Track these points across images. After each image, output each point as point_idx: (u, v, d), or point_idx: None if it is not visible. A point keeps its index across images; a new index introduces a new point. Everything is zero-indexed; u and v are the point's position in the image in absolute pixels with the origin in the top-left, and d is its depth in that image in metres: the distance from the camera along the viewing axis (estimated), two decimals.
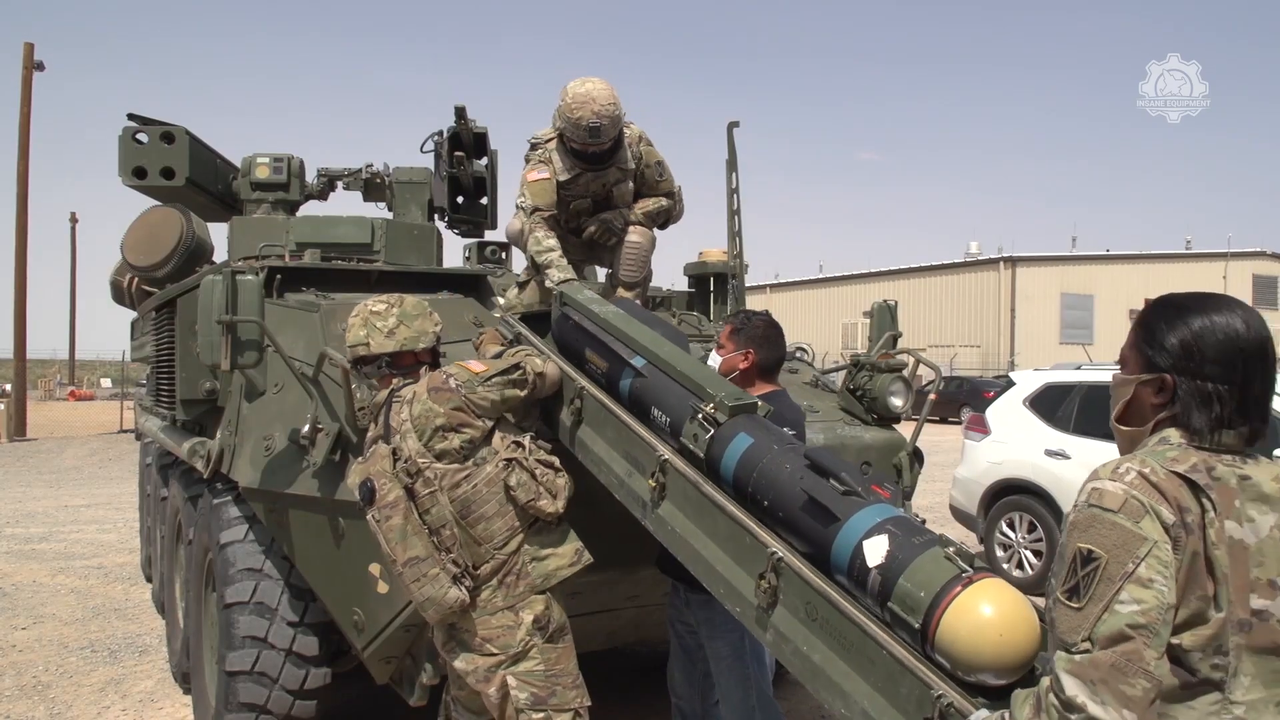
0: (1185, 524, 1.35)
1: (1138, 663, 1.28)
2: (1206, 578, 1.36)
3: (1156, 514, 1.34)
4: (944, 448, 15.98)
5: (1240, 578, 1.37)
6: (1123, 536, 1.33)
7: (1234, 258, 37.07)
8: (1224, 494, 1.39)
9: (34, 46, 21.30)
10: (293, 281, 3.96)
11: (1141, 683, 1.28)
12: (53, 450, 18.15)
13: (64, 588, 7.03)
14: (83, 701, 4.68)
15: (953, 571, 1.71)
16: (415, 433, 2.66)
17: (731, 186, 4.50)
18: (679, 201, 3.91)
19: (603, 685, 3.05)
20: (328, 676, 3.54)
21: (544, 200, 3.60)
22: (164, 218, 5.43)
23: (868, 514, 1.94)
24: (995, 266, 33.61)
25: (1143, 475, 1.37)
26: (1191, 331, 1.45)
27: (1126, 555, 1.31)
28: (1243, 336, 1.44)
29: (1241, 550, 1.38)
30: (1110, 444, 1.58)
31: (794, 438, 2.51)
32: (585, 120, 3.36)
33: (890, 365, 3.82)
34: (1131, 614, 1.29)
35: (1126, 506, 1.35)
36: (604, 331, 2.96)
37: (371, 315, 2.91)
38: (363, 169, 6.28)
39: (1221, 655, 1.36)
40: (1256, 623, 1.38)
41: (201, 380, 4.09)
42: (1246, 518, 1.39)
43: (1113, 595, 1.31)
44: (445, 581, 2.57)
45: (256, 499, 3.48)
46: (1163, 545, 1.32)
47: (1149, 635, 1.29)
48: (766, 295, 40.42)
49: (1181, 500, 1.36)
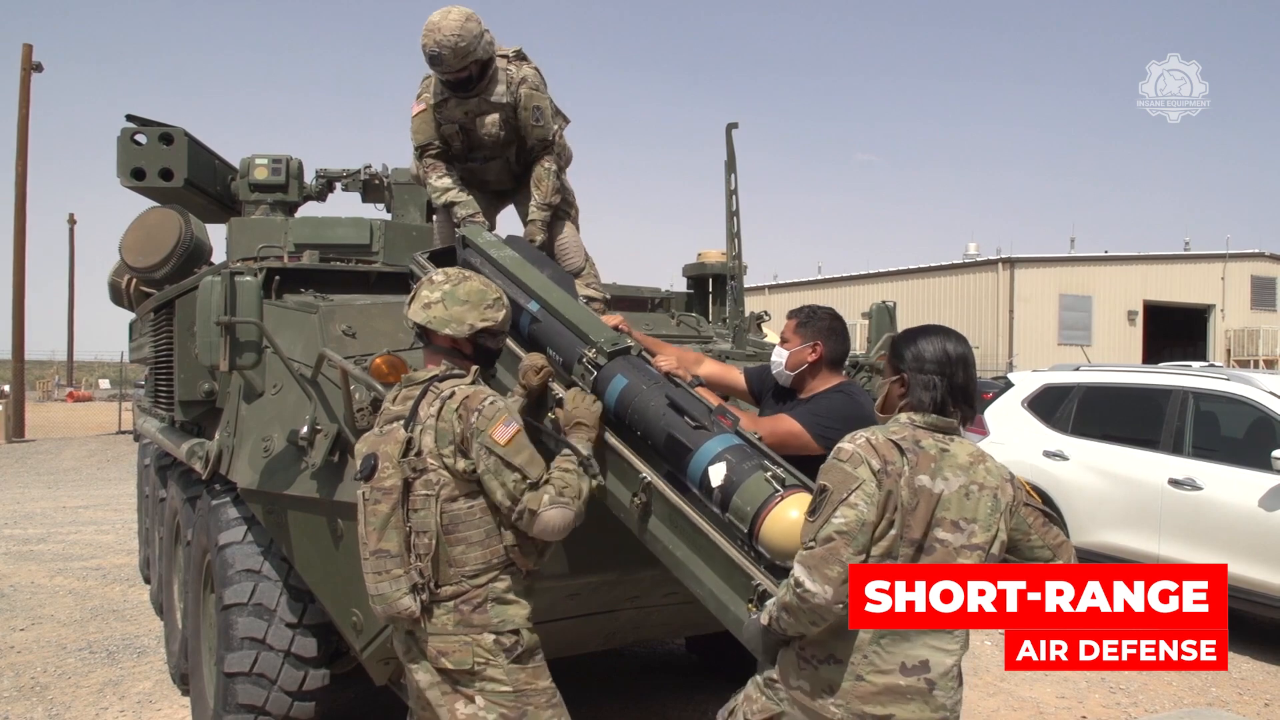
0: (887, 472, 2.04)
1: (836, 555, 1.98)
2: (894, 508, 2.04)
3: (868, 463, 2.05)
4: None
5: (924, 513, 2.06)
6: (844, 476, 2.04)
7: (1232, 259, 37.06)
8: (924, 458, 2.09)
9: (32, 48, 21.30)
10: (291, 283, 3.96)
11: (837, 568, 1.98)
12: (51, 451, 18.13)
13: (62, 589, 7.03)
14: (81, 703, 4.67)
15: (770, 490, 2.28)
16: (435, 432, 2.51)
17: (730, 188, 4.51)
18: (562, 147, 4.05)
19: (603, 685, 3.05)
20: (326, 678, 3.54)
21: (424, 137, 3.85)
22: (162, 219, 5.43)
23: (712, 444, 2.46)
24: (993, 267, 33.59)
25: (868, 439, 2.10)
26: (918, 346, 2.23)
27: (844, 489, 2.03)
28: (950, 350, 2.22)
29: (930, 496, 2.07)
30: (1109, 445, 1.80)
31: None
32: (427, 47, 3.51)
33: None
34: (838, 525, 2.00)
35: (851, 458, 2.07)
36: (502, 274, 3.19)
37: (426, 283, 2.73)
38: (361, 170, 6.27)
39: (890, 559, 2.05)
40: (939, 547, 2.08)
41: (200, 381, 4.09)
42: (942, 476, 2.09)
43: (830, 513, 2.01)
44: (404, 587, 2.46)
45: (255, 500, 3.47)
46: (869, 483, 2.03)
47: (848, 539, 1.99)
48: (765, 296, 40.39)
49: (888, 456, 2.06)
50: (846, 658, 2.04)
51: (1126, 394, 6.84)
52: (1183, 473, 6.02)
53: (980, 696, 4.90)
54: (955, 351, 2.22)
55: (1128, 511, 6.31)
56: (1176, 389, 6.43)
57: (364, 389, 3.00)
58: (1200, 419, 6.27)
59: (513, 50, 3.86)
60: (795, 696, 2.11)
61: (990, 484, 2.15)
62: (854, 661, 2.04)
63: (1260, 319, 36.93)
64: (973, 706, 4.76)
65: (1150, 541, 6.14)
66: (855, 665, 2.03)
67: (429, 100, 3.82)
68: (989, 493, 2.14)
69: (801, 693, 2.10)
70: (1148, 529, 6.16)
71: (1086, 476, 6.63)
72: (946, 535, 2.07)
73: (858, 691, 2.03)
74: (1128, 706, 4.84)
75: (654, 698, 4.63)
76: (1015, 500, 2.20)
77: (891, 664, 2.03)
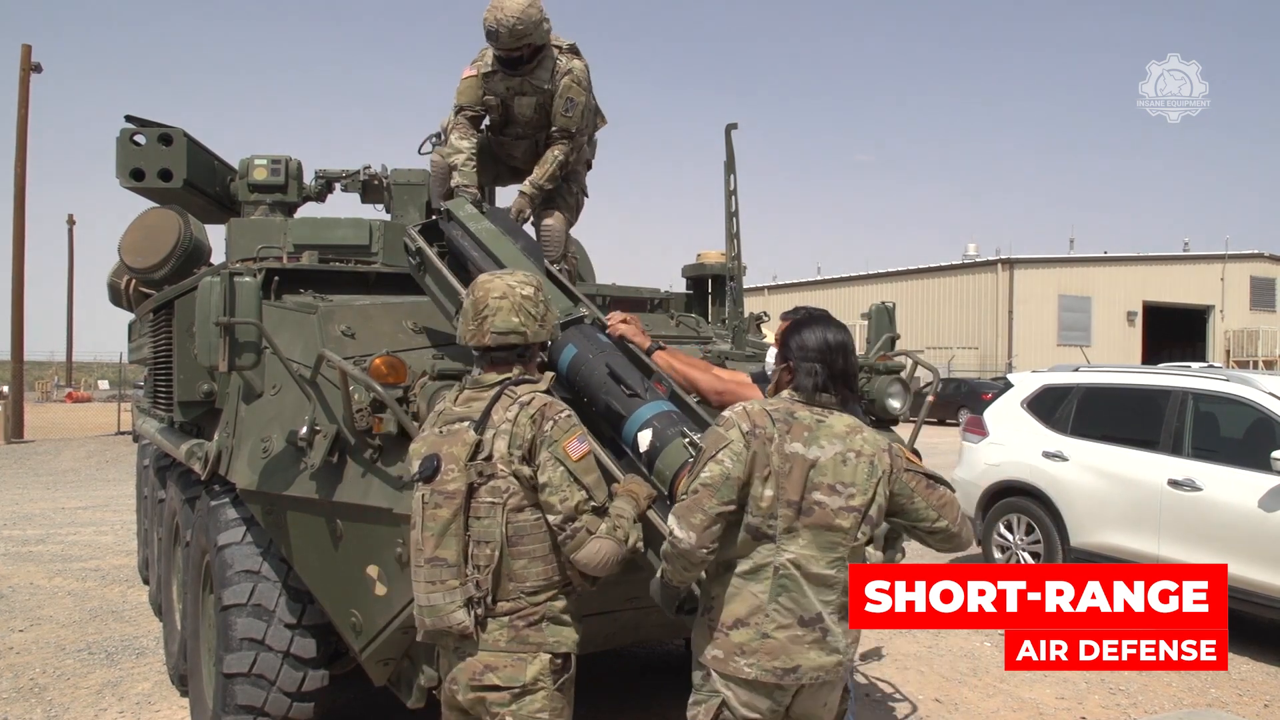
0: (755, 434, 2.25)
1: (700, 505, 2.21)
2: (765, 470, 2.23)
3: (739, 426, 2.26)
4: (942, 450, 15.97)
5: (799, 477, 2.24)
6: (718, 438, 2.27)
7: (1231, 259, 37.06)
8: (797, 427, 2.29)
9: (31, 48, 21.29)
10: (290, 283, 3.96)
11: (700, 516, 2.20)
12: (50, 452, 18.12)
13: (61, 590, 7.02)
14: (80, 704, 4.67)
15: (687, 455, 2.51)
16: (509, 437, 2.39)
17: (729, 188, 4.50)
18: (581, 145, 4.34)
19: (603, 685, 3.04)
20: (325, 678, 3.54)
21: (467, 99, 4.13)
22: (162, 219, 5.43)
23: (643, 411, 2.72)
24: (993, 268, 33.59)
25: (744, 408, 2.32)
26: (802, 336, 2.40)
27: (715, 448, 2.25)
28: (830, 339, 2.39)
29: (804, 461, 2.25)
30: (1108, 446, 1.75)
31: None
32: (486, 21, 3.77)
33: (888, 367, 3.82)
34: (704, 478, 2.22)
35: (725, 423, 2.30)
36: (478, 246, 3.47)
37: (524, 300, 2.56)
38: (360, 170, 6.27)
39: (773, 519, 2.23)
40: (817, 509, 2.24)
41: (199, 382, 4.09)
42: (818, 444, 2.27)
43: (701, 468, 2.25)
44: (458, 599, 2.35)
45: (254, 501, 3.47)
46: (736, 443, 2.23)
47: (711, 490, 2.21)
48: (764, 297, 40.40)
49: (759, 422, 2.27)
50: (750, 620, 2.22)
51: (1126, 395, 6.84)
52: (1182, 473, 6.02)
53: (980, 697, 4.90)
54: (835, 340, 2.39)
55: (1127, 512, 6.31)
56: (1176, 390, 6.42)
57: (363, 390, 3.00)
58: (1200, 420, 6.27)
59: (568, 44, 4.11)
60: (712, 664, 2.27)
61: (867, 451, 2.31)
62: (757, 622, 2.22)
63: (1259, 319, 36.95)
64: (973, 707, 4.76)
65: (1150, 542, 6.13)
66: (760, 624, 2.22)
67: (481, 68, 4.09)
68: (865, 459, 2.29)
69: (717, 660, 2.26)
70: (1147, 530, 6.16)
71: (1086, 477, 6.63)
72: (824, 498, 2.24)
73: (766, 648, 2.21)
74: (1127, 707, 4.84)
75: (654, 698, 4.63)
76: (894, 468, 2.34)
77: (790, 619, 2.22)
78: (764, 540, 2.23)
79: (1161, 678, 5.24)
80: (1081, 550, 6.61)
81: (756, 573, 2.24)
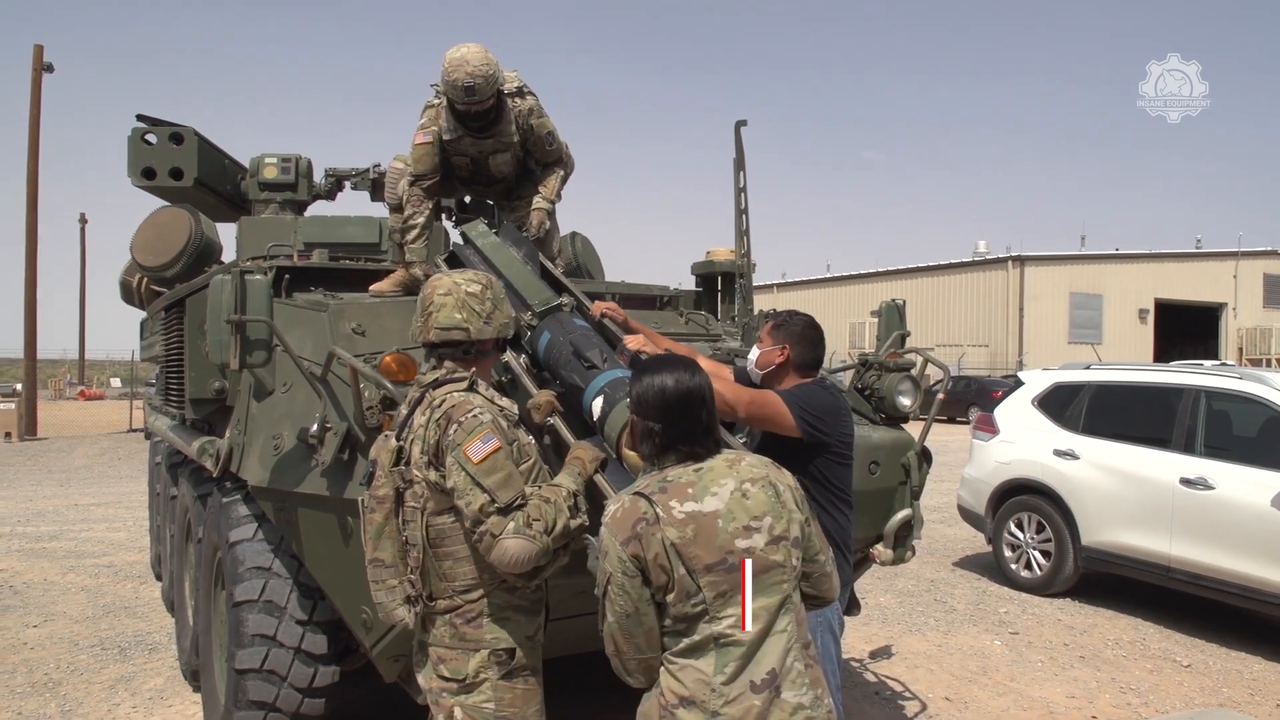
0: (638, 534, 1.95)
1: (630, 643, 2.00)
2: (663, 560, 1.94)
3: (615, 545, 1.97)
4: (952, 447, 15.93)
5: (708, 535, 1.96)
6: (601, 571, 2.02)
7: (1244, 257, 36.84)
8: (676, 488, 2.00)
9: (44, 49, 21.44)
10: (301, 281, 3.97)
11: (636, 642, 2.00)
12: (63, 449, 18.25)
13: (74, 586, 7.07)
14: (93, 699, 4.70)
15: (628, 415, 2.32)
16: (422, 442, 2.41)
17: (739, 186, 4.49)
18: (570, 160, 4.47)
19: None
20: (336, 674, 3.55)
21: (425, 167, 3.99)
22: (173, 218, 5.46)
23: (597, 381, 2.80)
24: (1004, 265, 33.46)
25: (614, 512, 2.02)
26: (639, 386, 2.12)
27: (602, 585, 2.01)
28: (669, 387, 2.07)
29: (705, 516, 1.97)
30: (1120, 444, 1.71)
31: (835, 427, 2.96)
32: (460, 80, 3.68)
33: (898, 365, 3.82)
34: (612, 623, 2.00)
35: (600, 552, 2.02)
36: (484, 261, 3.60)
37: (468, 297, 2.57)
38: (370, 169, 6.29)
39: (696, 595, 1.95)
40: (749, 557, 1.98)
41: (210, 379, 4.11)
42: (710, 494, 2.00)
43: (604, 605, 2.01)
44: (398, 597, 2.46)
45: (265, 498, 3.48)
46: (616, 574, 1.97)
47: (628, 630, 1.99)
48: (774, 294, 40.35)
49: (631, 519, 1.97)
50: (697, 697, 1.95)
51: (1138, 393, 6.81)
52: (1194, 472, 5.99)
53: (990, 696, 4.89)
54: (674, 389, 2.08)
55: (1139, 511, 6.28)
56: (1188, 388, 6.39)
57: (373, 387, 3.01)
58: (1212, 418, 6.23)
59: (514, 85, 4.07)
60: None
61: (759, 475, 2.07)
62: (704, 700, 1.95)
63: (1273, 317, 36.71)
64: (983, 706, 4.75)
65: (1161, 541, 6.11)
66: (708, 703, 1.94)
67: (436, 134, 3.95)
68: (760, 484, 2.06)
69: None
70: (1159, 528, 6.13)
71: (1097, 475, 6.60)
72: (746, 541, 1.99)
73: None
74: (1138, 707, 4.81)
75: None
76: (792, 481, 2.14)
77: (740, 688, 1.95)
78: (697, 620, 1.97)
79: (1172, 677, 5.22)
80: (1093, 549, 6.59)
81: (695, 650, 1.98)
